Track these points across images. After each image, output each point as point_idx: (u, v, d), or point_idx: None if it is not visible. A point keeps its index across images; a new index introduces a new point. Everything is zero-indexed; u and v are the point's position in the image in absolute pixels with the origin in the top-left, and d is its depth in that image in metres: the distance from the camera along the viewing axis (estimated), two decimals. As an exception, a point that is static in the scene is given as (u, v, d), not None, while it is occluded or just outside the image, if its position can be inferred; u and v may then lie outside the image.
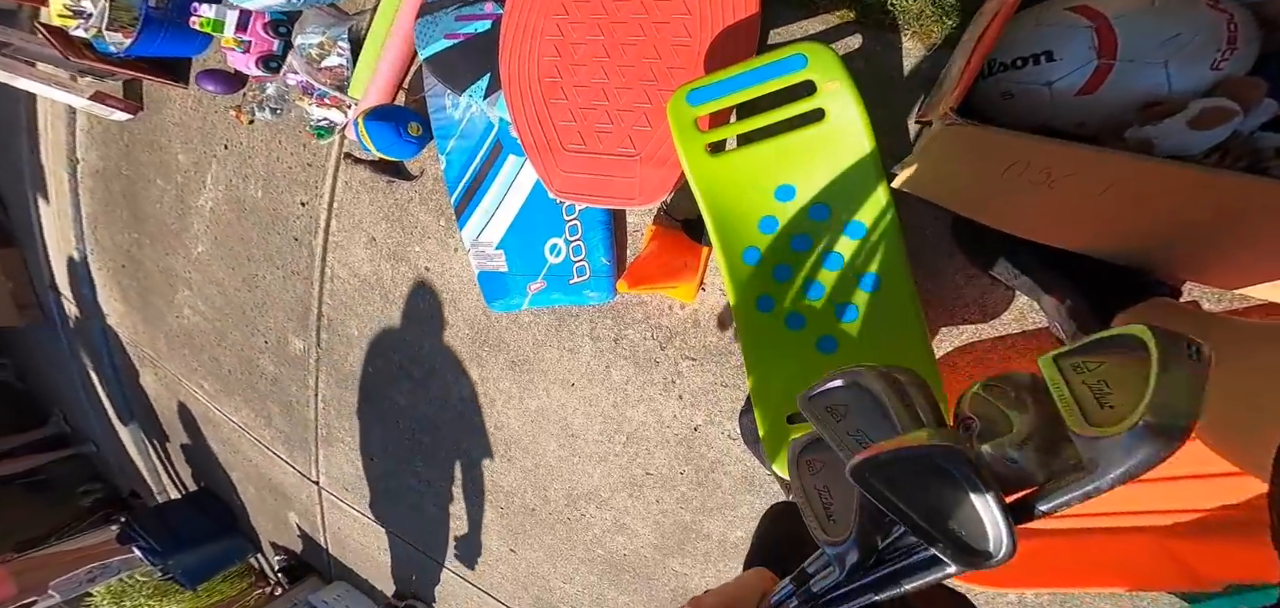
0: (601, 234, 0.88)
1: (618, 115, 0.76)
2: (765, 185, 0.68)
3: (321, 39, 1.13)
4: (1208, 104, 0.42)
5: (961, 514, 0.25)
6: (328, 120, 1.18)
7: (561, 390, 1.03)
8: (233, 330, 1.75)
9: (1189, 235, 0.47)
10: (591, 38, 0.77)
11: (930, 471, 0.25)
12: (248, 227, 1.51)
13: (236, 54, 1.20)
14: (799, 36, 0.72)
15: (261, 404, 1.72)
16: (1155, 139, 0.43)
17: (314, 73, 1.13)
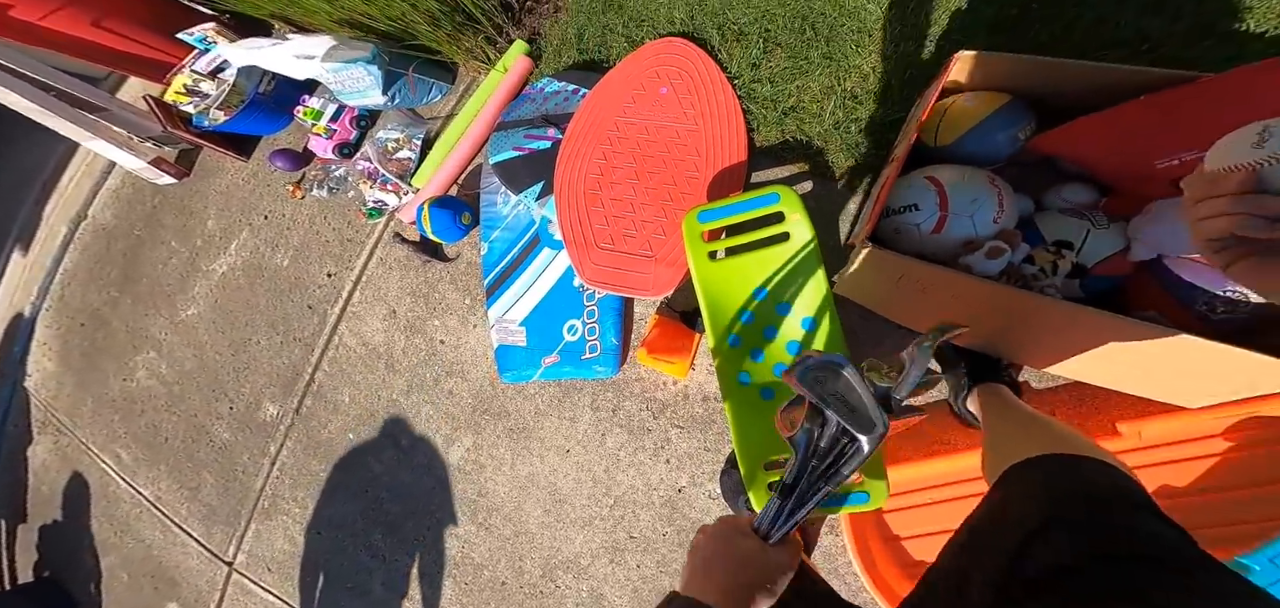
0: (614, 318, 1.17)
1: (641, 225, 1.13)
2: (747, 288, 1.05)
3: (399, 135, 1.53)
4: (993, 243, 0.77)
5: (853, 399, 0.51)
6: (382, 203, 1.63)
7: (556, 456, 1.23)
8: (192, 396, 1.93)
9: (1008, 333, 0.78)
10: (627, 164, 1.17)
11: (833, 371, 0.52)
12: (259, 293, 1.79)
13: (320, 140, 1.58)
14: (771, 179, 1.11)
15: (192, 474, 1.80)
16: (971, 265, 0.77)
17: (384, 162, 1.55)
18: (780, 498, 0.56)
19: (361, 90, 1.45)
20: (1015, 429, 0.67)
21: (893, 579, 0.88)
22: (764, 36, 1.15)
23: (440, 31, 1.36)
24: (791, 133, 1.11)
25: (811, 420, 0.55)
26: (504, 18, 1.41)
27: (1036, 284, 0.79)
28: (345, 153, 1.61)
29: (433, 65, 1.49)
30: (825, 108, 1.08)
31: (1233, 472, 0.72)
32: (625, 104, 1.21)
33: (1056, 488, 0.51)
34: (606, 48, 1.32)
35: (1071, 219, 0.82)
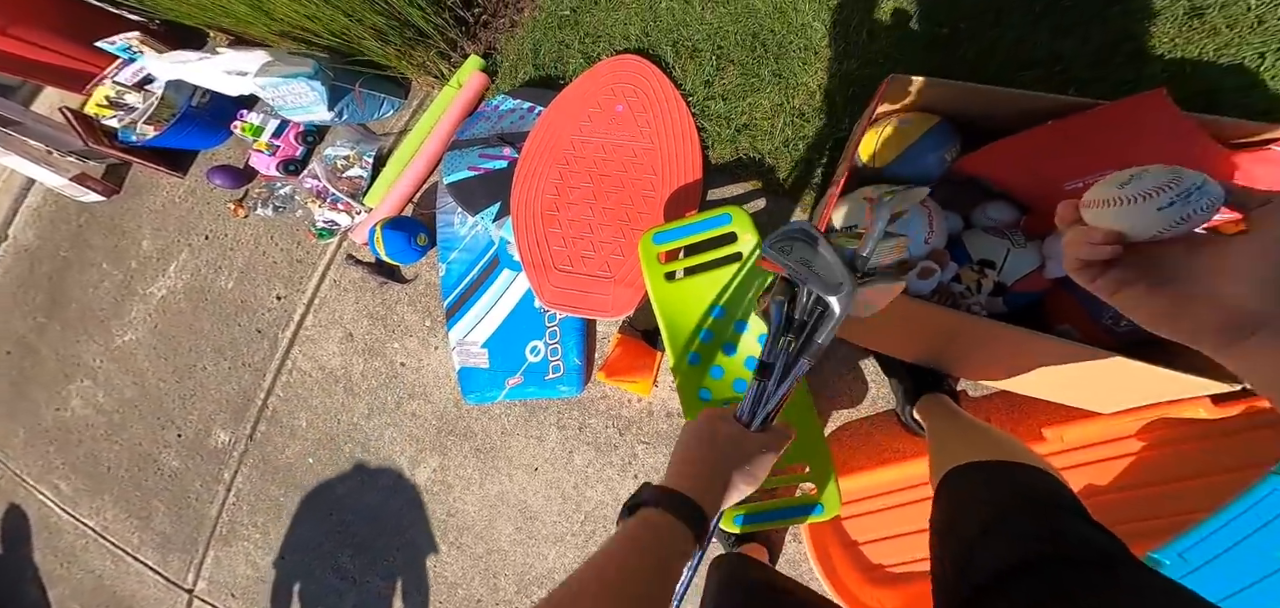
0: (576, 339, 1.18)
1: (599, 246, 1.13)
2: (703, 305, 1.07)
3: (350, 152, 1.49)
4: (924, 264, 0.81)
5: (820, 263, 0.52)
6: (333, 223, 1.57)
7: (524, 475, 1.24)
8: (135, 424, 1.82)
9: (944, 348, 0.83)
10: (584, 184, 1.17)
11: (804, 238, 0.54)
12: (203, 317, 1.70)
13: (263, 156, 1.51)
14: (726, 197, 1.14)
15: (142, 503, 1.73)
16: (908, 285, 0.86)
17: (334, 180, 1.50)
18: (759, 379, 0.56)
19: (305, 106, 1.39)
20: (957, 437, 0.72)
21: (853, 584, 0.94)
22: (717, 53, 1.17)
23: (389, 47, 1.32)
24: (744, 150, 1.13)
25: (783, 293, 0.57)
26: (458, 32, 1.38)
27: (964, 302, 0.84)
28: (291, 170, 1.55)
29: (383, 80, 1.44)
30: (775, 125, 1.11)
31: (1145, 470, 0.80)
32: (581, 122, 1.21)
33: (997, 493, 0.55)
34: (562, 64, 1.31)
35: (993, 238, 0.88)
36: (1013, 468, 0.58)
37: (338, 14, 1.24)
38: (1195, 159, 0.73)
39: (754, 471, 0.51)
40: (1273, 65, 0.86)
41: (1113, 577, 0.42)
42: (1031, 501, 0.53)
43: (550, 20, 1.33)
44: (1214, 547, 0.70)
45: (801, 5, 1.12)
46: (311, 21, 1.24)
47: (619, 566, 0.41)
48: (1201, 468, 0.78)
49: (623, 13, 1.26)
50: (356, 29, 1.26)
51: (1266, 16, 0.87)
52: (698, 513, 0.46)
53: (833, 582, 0.93)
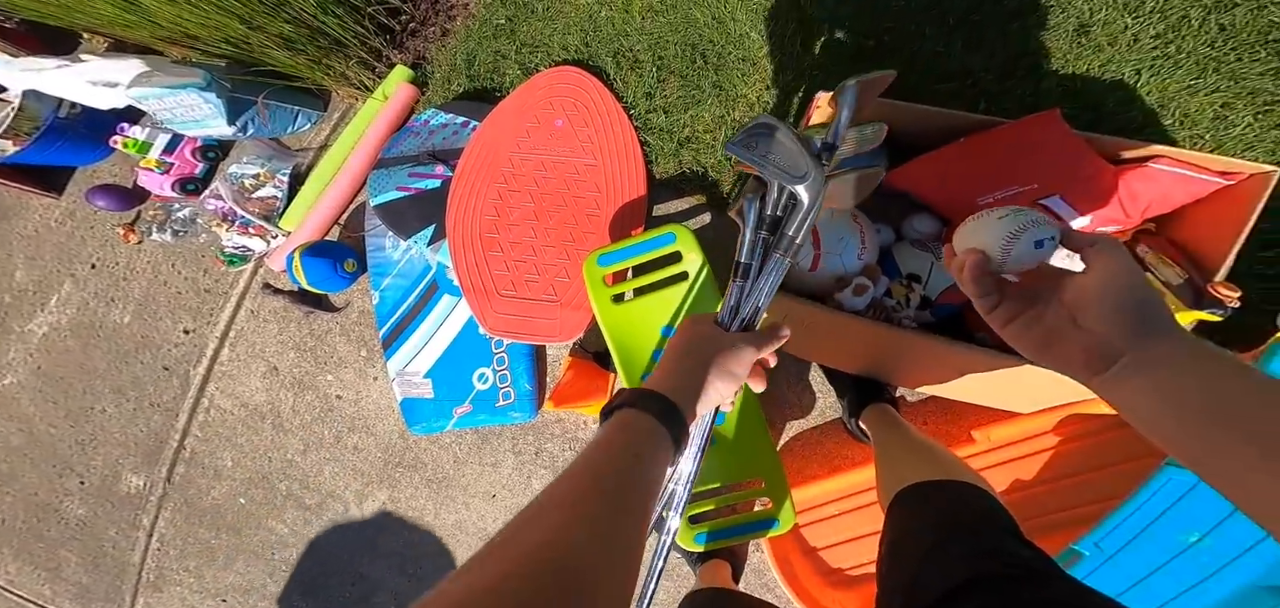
0: (526, 364, 1.13)
1: (543, 268, 1.08)
2: (654, 326, 1.06)
3: (260, 170, 1.31)
4: (858, 280, 0.84)
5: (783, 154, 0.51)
6: (245, 248, 1.42)
7: (482, 502, 1.18)
8: (26, 473, 1.56)
9: (882, 360, 0.87)
10: (525, 204, 1.10)
11: (765, 130, 0.52)
12: (95, 356, 1.48)
13: (153, 175, 1.32)
14: (671, 212, 1.12)
15: (46, 554, 1.56)
16: (843, 302, 0.84)
17: (242, 201, 1.31)
18: (737, 281, 0.55)
19: (199, 120, 1.23)
20: (902, 454, 0.75)
21: (815, 588, 0.97)
22: (658, 64, 1.13)
23: (300, 56, 1.18)
24: (688, 164, 1.12)
25: (753, 191, 0.56)
26: (382, 40, 1.26)
27: (896, 315, 0.88)
28: (190, 189, 1.38)
29: (296, 91, 1.30)
30: (717, 139, 1.09)
31: (1065, 462, 0.87)
32: (519, 138, 1.14)
33: (939, 514, 0.58)
34: (499, 75, 1.22)
35: (919, 252, 0.91)
36: (951, 487, 0.62)
37: (231, 21, 1.09)
38: (1083, 175, 0.78)
39: (730, 366, 0.48)
40: (1147, 82, 0.94)
41: (1046, 589, 0.45)
42: (968, 520, 0.56)
43: (484, 29, 1.23)
44: (1125, 534, 0.77)
45: (739, 15, 1.10)
46: (201, 26, 1.09)
47: (590, 465, 0.38)
48: (1113, 457, 0.85)
49: (561, 22, 1.19)
50: (257, 37, 1.12)
51: (1141, 35, 0.94)
52: (670, 407, 0.44)
53: (795, 588, 0.97)
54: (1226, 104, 0.90)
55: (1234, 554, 0.76)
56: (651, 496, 0.40)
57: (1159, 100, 0.92)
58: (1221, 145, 0.90)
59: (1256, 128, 0.89)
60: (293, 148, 1.37)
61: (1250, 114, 0.89)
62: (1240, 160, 0.72)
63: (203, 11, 1.04)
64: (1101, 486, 0.84)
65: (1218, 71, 0.90)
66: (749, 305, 0.56)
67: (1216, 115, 0.91)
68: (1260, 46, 0.90)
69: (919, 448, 0.74)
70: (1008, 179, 0.80)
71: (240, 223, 1.32)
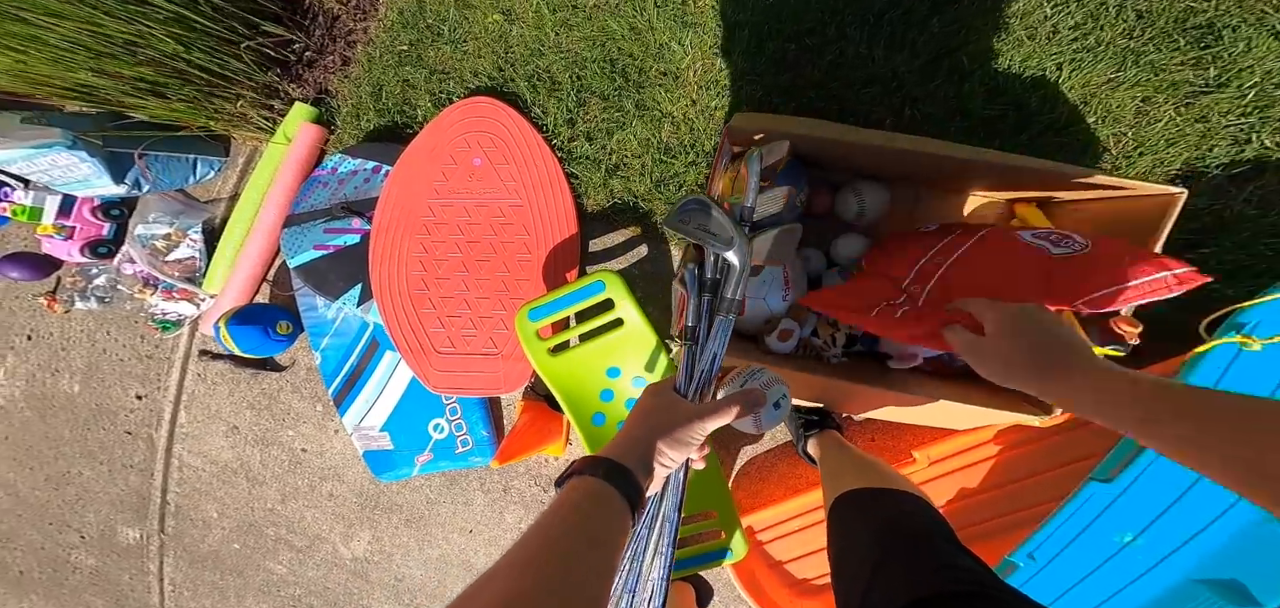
0: (479, 412, 1.00)
1: (479, 321, 0.92)
2: (598, 370, 0.92)
3: (169, 230, 1.07)
4: (783, 325, 0.73)
5: (714, 225, 0.52)
6: (176, 314, 1.18)
7: (460, 537, 1.10)
8: (27, 530, 1.44)
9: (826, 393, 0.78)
10: (452, 255, 0.92)
11: (697, 206, 0.53)
12: (57, 424, 1.30)
13: (56, 241, 1.09)
14: (607, 246, 0.95)
15: (73, 599, 1.47)
16: (771, 346, 0.74)
17: (159, 264, 1.06)
18: (687, 345, 0.54)
19: (82, 180, 0.98)
20: (844, 470, 0.69)
21: (782, 600, 0.92)
22: (578, 85, 0.91)
23: (175, 102, 0.92)
24: (619, 194, 0.93)
25: (692, 260, 0.57)
26: (276, 74, 0.98)
27: (825, 355, 0.76)
28: (102, 252, 1.13)
29: (187, 139, 1.03)
30: (645, 164, 0.90)
31: (1001, 471, 0.81)
32: (435, 183, 0.93)
33: (878, 525, 0.54)
34: (410, 107, 0.98)
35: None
36: (888, 495, 0.57)
37: (72, 71, 0.81)
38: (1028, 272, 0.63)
39: (682, 437, 0.44)
40: (1069, 77, 0.77)
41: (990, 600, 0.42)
42: (910, 533, 0.52)
43: (387, 57, 0.97)
44: (1059, 542, 0.72)
45: (656, 23, 0.86)
46: (18, 76, 0.81)
47: (540, 528, 0.35)
48: (1045, 464, 0.79)
49: (470, 45, 0.94)
50: (108, 86, 0.85)
51: (1060, 26, 0.77)
52: (616, 468, 0.40)
53: (760, 601, 0.91)
54: (1147, 98, 0.76)
55: (1167, 551, 0.71)
56: (606, 549, 0.36)
57: (1082, 96, 0.77)
58: (1144, 142, 0.76)
59: (1178, 121, 0.75)
60: (201, 200, 1.12)
61: (1171, 107, 0.75)
62: (1145, 184, 0.62)
63: (29, 59, 0.77)
64: (1038, 490, 0.79)
65: (1137, 64, 0.75)
66: (703, 363, 0.53)
67: (1139, 110, 0.76)
68: (1178, 35, 0.73)
69: (859, 463, 0.69)
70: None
71: (164, 288, 1.09)
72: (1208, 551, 0.69)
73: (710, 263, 0.54)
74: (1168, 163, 0.76)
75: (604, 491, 0.38)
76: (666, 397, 0.48)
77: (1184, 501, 0.70)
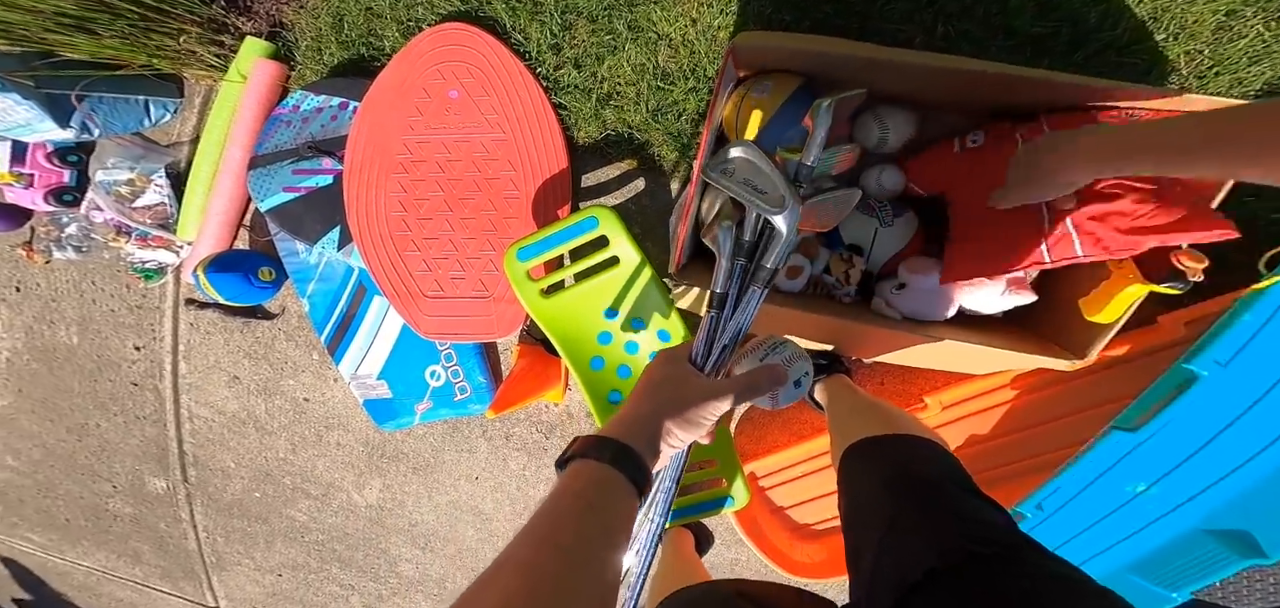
0: (475, 359, 0.93)
1: (468, 263, 0.83)
2: (595, 311, 0.82)
3: (131, 175, 0.96)
4: (791, 262, 0.63)
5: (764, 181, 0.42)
6: (156, 262, 1.08)
7: (467, 484, 1.07)
8: (63, 481, 1.44)
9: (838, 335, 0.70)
10: (433, 194, 0.81)
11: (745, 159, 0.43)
12: (66, 376, 1.24)
13: (17, 190, 0.98)
14: (601, 181, 0.84)
15: (121, 545, 1.49)
16: (778, 285, 0.65)
17: (127, 211, 0.96)
18: (714, 312, 0.45)
19: (24, 124, 0.85)
20: (852, 417, 0.62)
21: (783, 544, 0.89)
22: (562, 6, 0.75)
23: (106, 39, 0.76)
24: (613, 125, 0.79)
25: (730, 218, 0.46)
26: (221, 6, 0.81)
27: (836, 293, 0.66)
28: (67, 200, 1.01)
29: (131, 79, 0.87)
30: (641, 92, 0.76)
31: (1018, 416, 0.75)
32: (409, 118, 0.79)
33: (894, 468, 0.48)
34: (376, 38, 0.82)
35: (863, 216, 0.67)
36: (901, 441, 0.51)
37: None
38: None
39: (694, 417, 0.38)
40: None
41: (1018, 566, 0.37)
42: (924, 482, 0.46)
43: None
44: (1067, 492, 0.66)
45: (652, -83, 0.69)
46: None
47: (544, 522, 0.31)
48: (1061, 409, 0.72)
49: None
50: (23, 21, 0.69)
51: None
52: (623, 450, 0.35)
53: (761, 544, 0.87)
54: (1232, 11, 0.60)
55: (1179, 502, 0.65)
56: (613, 542, 0.32)
57: (1151, 10, 0.61)
58: (1222, 60, 0.62)
59: (1266, 37, 0.60)
60: (162, 144, 0.98)
61: (1260, 22, 0.59)
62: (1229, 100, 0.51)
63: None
64: (1055, 435, 0.72)
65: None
66: (726, 337, 0.44)
67: (1220, 25, 0.61)
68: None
69: (868, 408, 0.62)
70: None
71: (137, 235, 0.98)
72: (1218, 502, 0.64)
73: (751, 223, 0.44)
74: (1247, 83, 0.62)
75: (609, 476, 0.33)
76: (679, 369, 0.41)
77: (1203, 452, 0.63)
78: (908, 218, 0.65)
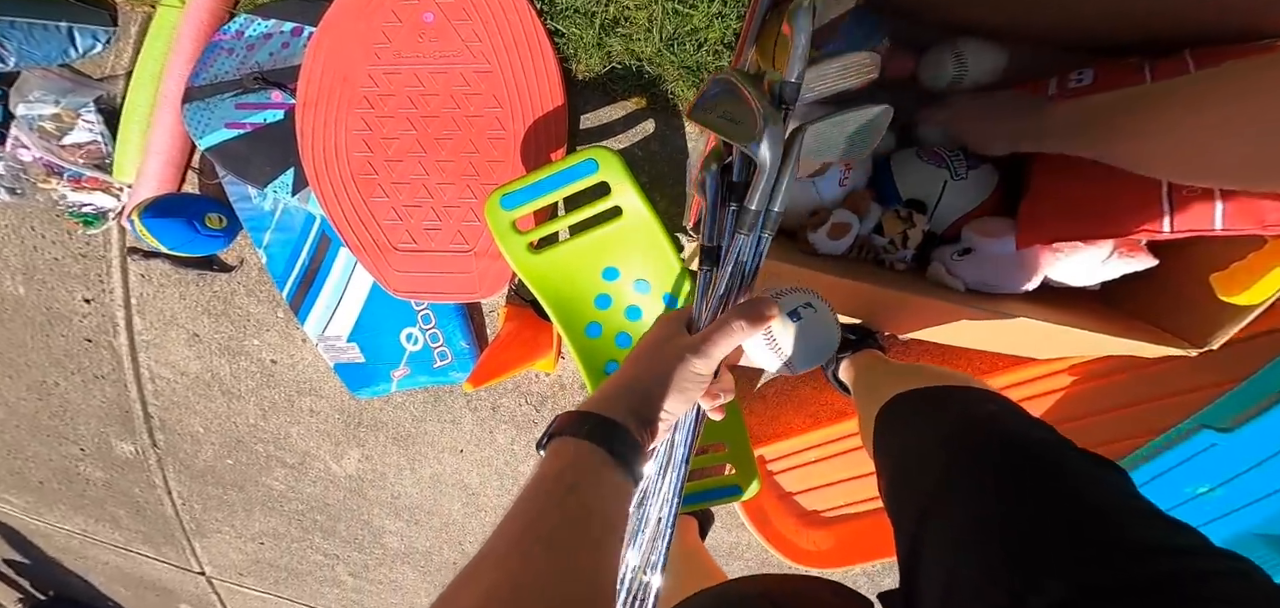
0: (456, 321, 0.81)
1: (444, 211, 0.70)
2: (592, 270, 0.70)
3: (56, 110, 0.82)
4: (836, 220, 0.52)
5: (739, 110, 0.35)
6: (93, 206, 0.93)
7: (452, 457, 0.98)
8: (30, 442, 1.34)
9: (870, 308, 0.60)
10: (403, 132, 0.67)
11: (724, 89, 0.36)
12: (17, 329, 1.10)
13: None
14: (602, 122, 0.71)
15: (98, 509, 1.39)
16: (816, 245, 0.54)
17: (55, 149, 0.84)
18: (706, 266, 0.40)
19: None
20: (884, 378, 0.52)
21: (789, 531, 0.81)
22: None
23: None
24: (619, 57, 0.65)
25: (715, 159, 0.40)
26: None
27: (887, 258, 0.54)
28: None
29: (52, 4, 0.71)
30: (653, 17, 0.61)
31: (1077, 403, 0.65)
32: (375, 44, 0.65)
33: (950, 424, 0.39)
34: None
35: (929, 167, 0.55)
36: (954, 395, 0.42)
37: None
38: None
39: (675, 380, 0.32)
40: None
41: None
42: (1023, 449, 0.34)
43: None
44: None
45: None
46: None
47: (525, 510, 0.27)
48: (1129, 397, 0.62)
49: None
50: None
51: None
52: (609, 427, 0.30)
53: (765, 531, 0.78)
54: None
55: (1238, 505, 0.56)
56: (605, 524, 0.28)
57: None
58: None
59: None
60: (94, 76, 0.82)
61: None
62: None
63: None
64: (1120, 425, 0.64)
65: None
66: (722, 295, 0.37)
67: None
68: None
69: (903, 370, 0.53)
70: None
71: (70, 176, 0.84)
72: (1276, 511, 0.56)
73: (738, 161, 0.38)
74: None
75: (592, 454, 0.29)
76: (669, 330, 0.36)
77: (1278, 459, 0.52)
78: (985, 170, 0.53)
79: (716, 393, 0.36)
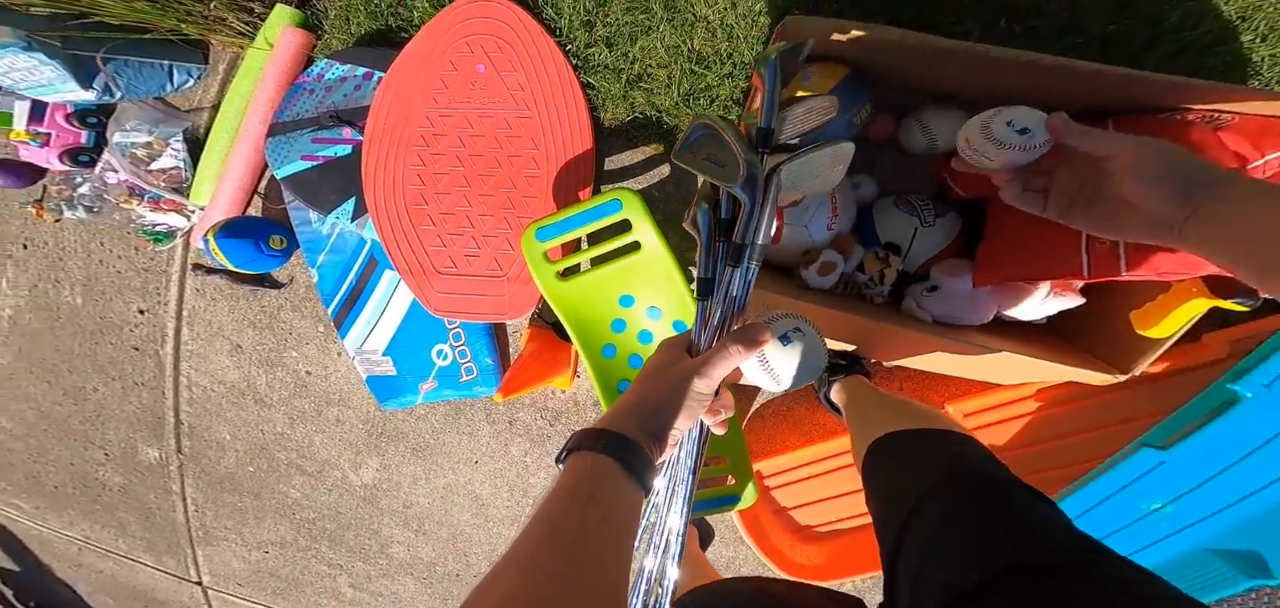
0: (484, 339, 0.88)
1: (483, 240, 0.78)
2: (610, 297, 0.78)
3: (149, 138, 0.91)
4: (825, 258, 0.59)
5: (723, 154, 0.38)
6: (166, 225, 1.02)
7: (466, 468, 1.01)
8: (55, 446, 1.37)
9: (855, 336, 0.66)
10: (453, 168, 0.77)
11: (706, 133, 0.40)
12: (66, 336, 1.17)
13: (33, 148, 0.94)
14: (625, 165, 0.80)
15: (107, 515, 1.40)
16: (807, 280, 0.61)
17: (142, 174, 0.92)
18: (701, 299, 0.42)
19: (46, 84, 0.80)
20: (876, 410, 0.58)
21: (784, 545, 0.84)
22: (594, -21, 0.71)
23: (136, 2, 0.72)
24: (641, 108, 0.75)
25: (705, 199, 0.43)
26: None
27: (868, 292, 0.61)
28: (82, 161, 0.96)
29: (158, 43, 0.83)
30: (673, 75, 0.72)
31: (1043, 427, 0.70)
32: (434, 90, 0.75)
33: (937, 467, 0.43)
34: (406, 9, 0.79)
35: (902, 214, 0.63)
36: (936, 437, 0.46)
37: None
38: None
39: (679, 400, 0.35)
40: None
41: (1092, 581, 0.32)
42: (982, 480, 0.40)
43: None
44: (1081, 506, 0.61)
45: (693, -102, 0.66)
46: None
47: (545, 518, 0.29)
48: (1084, 424, 0.68)
49: None
50: None
51: None
52: (622, 443, 0.32)
53: (762, 544, 0.81)
54: None
55: (1191, 520, 0.60)
56: (620, 531, 0.30)
57: (1240, 9, 0.57)
58: None
59: None
60: (181, 109, 0.93)
61: None
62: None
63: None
64: (1081, 448, 0.68)
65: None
66: (718, 322, 0.40)
67: None
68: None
69: (898, 403, 0.58)
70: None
71: (150, 198, 0.93)
72: (1231, 523, 0.60)
73: (725, 200, 0.41)
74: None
75: (607, 466, 0.32)
76: (672, 354, 0.39)
77: (1226, 474, 0.58)
78: (950, 218, 0.61)
79: (718, 410, 0.38)
